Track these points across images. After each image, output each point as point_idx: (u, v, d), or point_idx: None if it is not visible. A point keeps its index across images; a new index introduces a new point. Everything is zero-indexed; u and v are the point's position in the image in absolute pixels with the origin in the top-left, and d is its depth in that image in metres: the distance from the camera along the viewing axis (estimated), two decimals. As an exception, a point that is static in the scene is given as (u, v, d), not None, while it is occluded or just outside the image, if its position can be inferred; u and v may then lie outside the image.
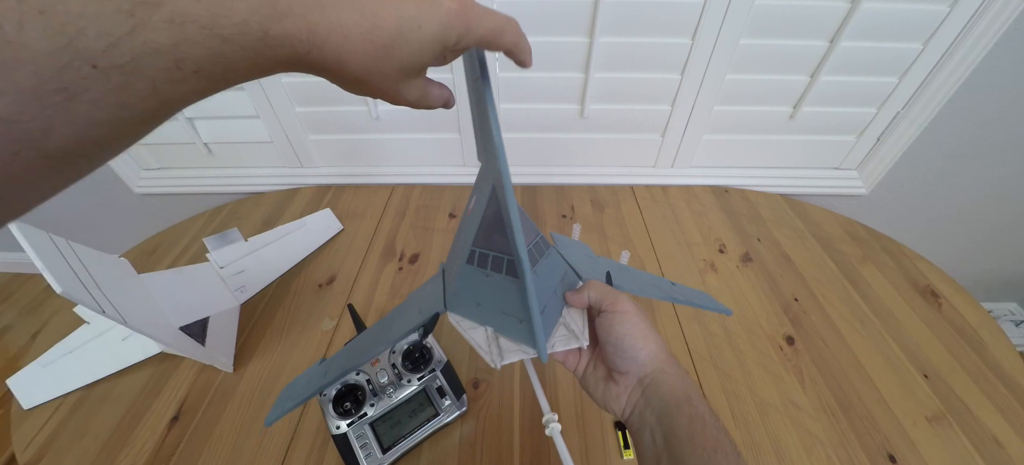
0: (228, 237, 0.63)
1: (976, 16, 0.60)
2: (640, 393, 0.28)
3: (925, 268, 0.67)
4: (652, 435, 0.26)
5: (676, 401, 0.26)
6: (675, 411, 0.26)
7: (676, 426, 0.25)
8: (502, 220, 0.27)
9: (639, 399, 0.28)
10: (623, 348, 0.28)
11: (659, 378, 0.27)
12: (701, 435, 0.24)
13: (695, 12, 0.62)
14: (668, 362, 0.28)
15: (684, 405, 0.26)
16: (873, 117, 0.74)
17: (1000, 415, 0.49)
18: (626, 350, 0.28)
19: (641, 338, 0.28)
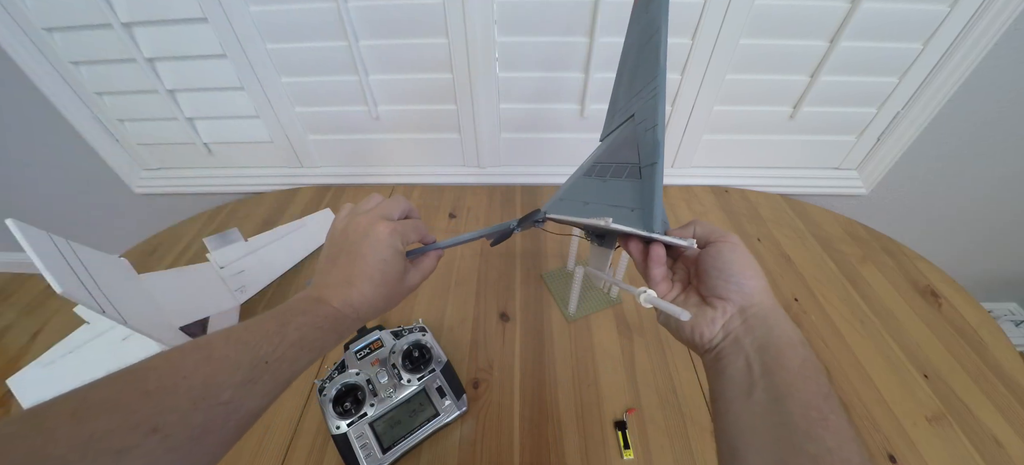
0: (228, 237, 0.63)
1: (976, 16, 0.60)
2: (741, 321, 0.27)
3: (925, 268, 0.67)
4: (748, 362, 0.26)
5: (788, 341, 0.25)
6: (787, 349, 0.25)
7: (786, 361, 0.24)
8: (634, 139, 0.33)
9: (739, 326, 0.27)
10: (731, 273, 0.28)
11: (767, 313, 0.27)
12: (815, 381, 0.23)
13: (695, 12, 0.62)
14: (774, 303, 0.28)
15: (798, 347, 0.25)
16: (873, 117, 0.74)
17: (1000, 415, 0.49)
18: (734, 275, 0.28)
19: (752, 269, 0.28)
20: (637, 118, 0.34)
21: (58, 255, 0.41)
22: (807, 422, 0.21)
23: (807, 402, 0.22)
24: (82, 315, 0.56)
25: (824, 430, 0.21)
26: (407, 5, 0.63)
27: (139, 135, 0.84)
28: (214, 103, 0.77)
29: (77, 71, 0.73)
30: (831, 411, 0.22)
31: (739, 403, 0.25)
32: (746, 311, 0.28)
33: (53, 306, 0.84)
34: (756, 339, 0.26)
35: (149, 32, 0.67)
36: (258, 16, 0.65)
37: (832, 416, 0.22)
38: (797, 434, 0.21)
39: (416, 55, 0.69)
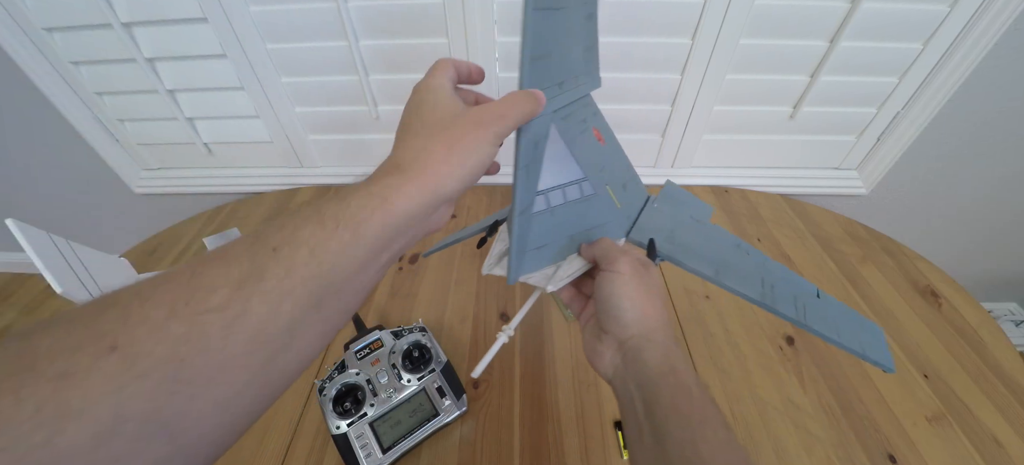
0: (228, 237, 0.63)
1: (976, 16, 0.60)
2: (621, 356, 0.27)
3: (925, 268, 0.67)
4: (633, 401, 0.26)
5: (659, 371, 0.25)
6: (659, 381, 0.25)
7: (659, 396, 0.25)
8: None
9: (620, 361, 0.28)
10: (608, 307, 0.28)
11: (642, 345, 0.27)
12: (686, 407, 0.24)
13: (695, 12, 0.62)
14: (657, 330, 0.27)
15: (668, 375, 0.25)
16: (873, 117, 0.74)
17: (1000, 415, 0.49)
18: (610, 309, 0.28)
19: (628, 300, 0.28)
20: (596, 165, 0.34)
21: (58, 255, 0.41)
22: (683, 462, 0.22)
23: (683, 439, 0.23)
24: (82, 315, 0.55)
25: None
26: (407, 5, 0.63)
27: (139, 135, 0.84)
28: (214, 103, 0.77)
29: (77, 71, 0.73)
30: (705, 443, 0.22)
31: (635, 447, 0.25)
32: (624, 344, 0.28)
33: (53, 306, 0.84)
34: (635, 377, 0.26)
35: (149, 32, 0.67)
36: (258, 16, 0.65)
37: (705, 449, 0.22)
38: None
39: (416, 55, 0.69)
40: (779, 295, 0.32)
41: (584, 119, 0.34)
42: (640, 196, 0.39)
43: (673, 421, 0.24)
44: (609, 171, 0.35)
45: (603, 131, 0.37)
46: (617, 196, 0.35)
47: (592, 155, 0.34)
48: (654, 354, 0.26)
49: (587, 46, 0.34)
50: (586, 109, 0.35)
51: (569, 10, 0.29)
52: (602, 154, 0.35)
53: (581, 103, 0.34)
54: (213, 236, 0.62)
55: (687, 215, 0.39)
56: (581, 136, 0.33)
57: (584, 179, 0.32)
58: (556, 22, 0.28)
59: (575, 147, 0.31)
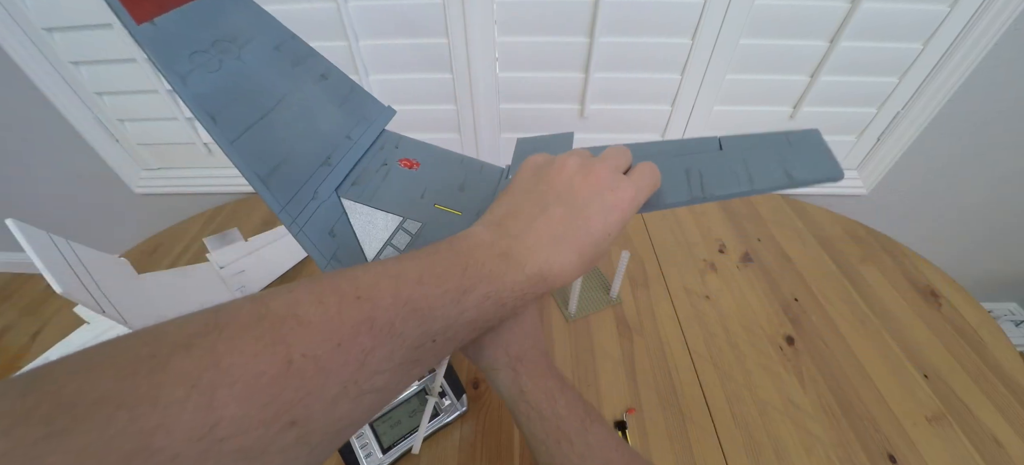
0: (228, 237, 0.63)
1: (976, 16, 0.60)
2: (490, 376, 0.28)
3: (925, 268, 0.67)
4: (516, 413, 0.27)
5: (511, 398, 0.26)
6: (514, 407, 0.26)
7: (520, 424, 0.26)
8: None
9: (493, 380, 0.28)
10: None
11: (492, 376, 0.27)
12: (540, 431, 0.24)
13: (695, 12, 0.62)
14: (499, 356, 0.27)
15: (519, 402, 0.25)
16: (873, 117, 0.74)
17: (1000, 415, 0.49)
18: None
19: None
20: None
21: (58, 255, 0.41)
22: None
23: (544, 463, 0.24)
24: (82, 315, 0.55)
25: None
26: (407, 5, 0.63)
27: (139, 135, 0.84)
28: (214, 103, 0.77)
29: (77, 71, 0.73)
30: (564, 457, 0.24)
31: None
32: (485, 372, 0.28)
33: (53, 306, 0.84)
34: (504, 400, 0.27)
35: (149, 32, 0.67)
36: (258, 16, 0.65)
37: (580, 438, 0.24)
38: None
39: (416, 55, 0.69)
40: (667, 184, 0.27)
41: (384, 162, 0.33)
42: (489, 180, 0.36)
43: (534, 444, 0.25)
44: (433, 188, 0.33)
45: (414, 151, 0.36)
46: (453, 203, 0.33)
47: (406, 189, 0.32)
48: (504, 380, 0.26)
49: (342, 99, 0.32)
50: (383, 151, 0.34)
51: (285, 102, 0.27)
52: (418, 178, 0.33)
53: (374, 151, 0.33)
54: (213, 236, 0.62)
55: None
56: (385, 180, 0.32)
57: (404, 220, 0.30)
58: (271, 128, 0.26)
59: (379, 198, 0.30)
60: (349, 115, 0.32)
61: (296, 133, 0.27)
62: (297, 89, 0.28)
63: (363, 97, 0.35)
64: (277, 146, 0.26)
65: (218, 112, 0.24)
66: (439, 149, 0.37)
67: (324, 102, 0.31)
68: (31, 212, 1.04)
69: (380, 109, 0.36)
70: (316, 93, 0.30)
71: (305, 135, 0.28)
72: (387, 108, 0.36)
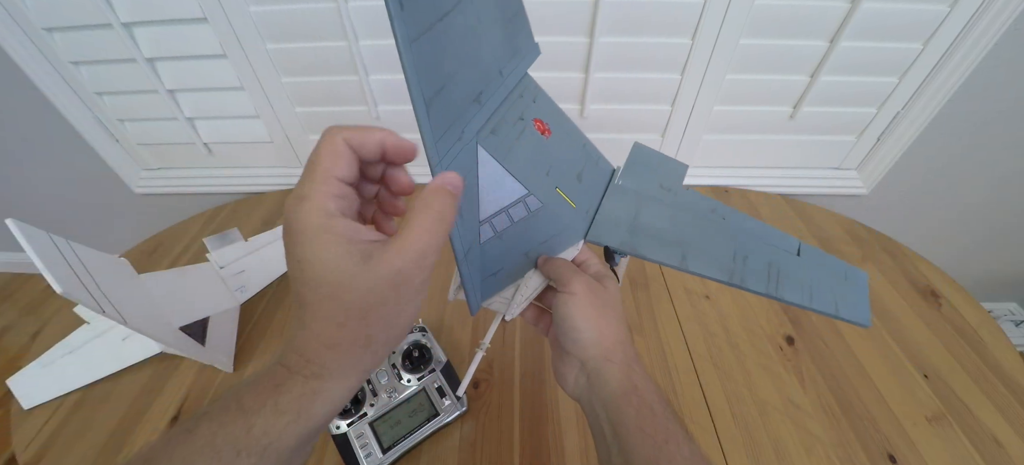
0: (228, 237, 0.63)
1: (976, 16, 0.60)
2: (585, 378, 0.28)
3: (925, 268, 0.67)
4: (600, 421, 0.26)
5: (622, 391, 0.26)
6: (622, 401, 0.25)
7: (624, 417, 0.25)
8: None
9: (585, 384, 0.28)
10: (565, 328, 0.28)
11: (602, 367, 0.27)
12: (651, 426, 0.24)
13: (695, 12, 0.62)
14: (615, 350, 0.27)
15: (631, 395, 0.25)
16: (873, 117, 0.74)
17: (1000, 415, 0.49)
18: (568, 331, 0.28)
19: (584, 320, 0.27)
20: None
21: (58, 255, 0.41)
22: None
23: (648, 458, 0.23)
24: (82, 315, 0.56)
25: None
26: (407, 5, 0.63)
27: (139, 135, 0.84)
28: (214, 103, 0.77)
29: (77, 71, 0.73)
30: (668, 459, 0.23)
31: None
32: (587, 366, 0.27)
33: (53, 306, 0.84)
34: (601, 398, 0.26)
35: (149, 32, 0.67)
36: (258, 16, 0.65)
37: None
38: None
39: (416, 55, 0.69)
40: (751, 268, 0.29)
41: (521, 115, 0.29)
42: (601, 178, 0.35)
43: (638, 441, 0.24)
44: (558, 168, 0.31)
45: (548, 114, 0.33)
46: (571, 193, 0.31)
47: (535, 158, 0.29)
48: (615, 374, 0.26)
49: (506, 19, 0.28)
50: (522, 100, 0.30)
51: (461, 6, 0.23)
52: (547, 150, 0.31)
53: (514, 96, 0.29)
54: (213, 236, 0.62)
55: (655, 184, 0.35)
56: (519, 140, 0.29)
57: (527, 195, 0.28)
58: (445, 38, 0.22)
59: (512, 160, 0.28)
60: (508, 42, 0.29)
61: (463, 52, 0.24)
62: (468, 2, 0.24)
63: (523, 22, 0.31)
64: (445, 62, 0.22)
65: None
66: (567, 120, 0.34)
67: (493, 17, 0.26)
68: (31, 212, 1.04)
69: (530, 44, 0.32)
70: (484, 6, 0.25)
71: (469, 58, 0.24)
72: (535, 45, 0.32)
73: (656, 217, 0.32)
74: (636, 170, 0.38)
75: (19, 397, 0.51)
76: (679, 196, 0.35)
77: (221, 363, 0.52)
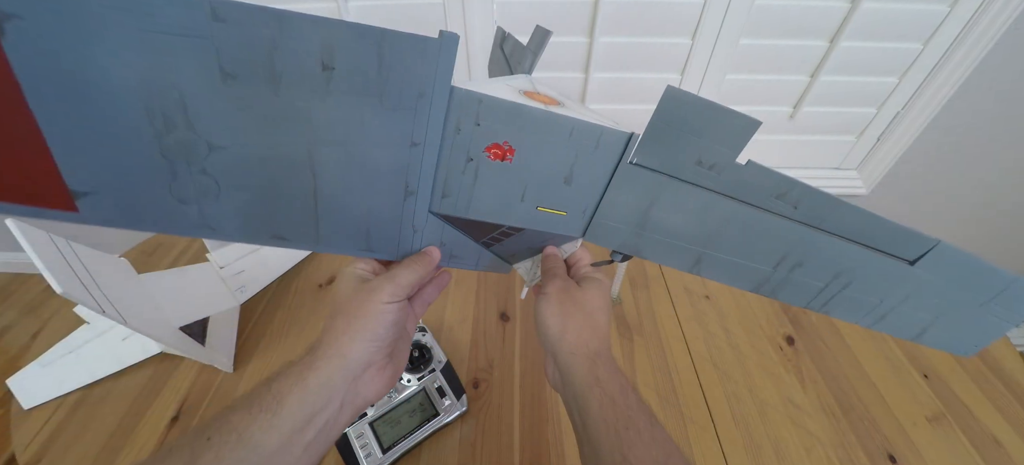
0: (228, 237, 0.63)
1: (976, 16, 0.60)
2: (558, 371, 0.29)
3: (925, 268, 0.67)
4: (573, 414, 0.28)
5: (586, 384, 0.27)
6: (587, 393, 0.27)
7: (589, 408, 0.26)
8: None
9: (558, 377, 0.29)
10: (537, 325, 0.30)
11: (569, 361, 0.28)
12: (611, 415, 0.25)
13: (695, 12, 0.62)
14: (579, 346, 0.28)
15: (594, 388, 0.27)
16: (873, 117, 0.74)
17: (1000, 415, 0.49)
18: (538, 327, 0.30)
19: (552, 317, 0.29)
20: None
21: (58, 255, 0.41)
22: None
23: (611, 446, 0.25)
24: (82, 315, 0.56)
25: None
26: (407, 5, 0.63)
27: (139, 135, 0.83)
28: (214, 103, 0.77)
29: (77, 71, 0.73)
30: (629, 447, 0.24)
31: (582, 457, 0.27)
32: (557, 359, 0.29)
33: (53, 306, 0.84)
34: (572, 392, 0.28)
35: (149, 32, 0.67)
36: (258, 16, 0.65)
37: (630, 452, 0.24)
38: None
39: (416, 55, 0.69)
40: (796, 279, 0.24)
41: (468, 155, 0.24)
42: (603, 163, 0.26)
43: (601, 430, 0.25)
44: (534, 186, 0.26)
45: (504, 130, 0.25)
46: (557, 203, 0.28)
47: (502, 189, 0.26)
48: (580, 368, 0.27)
49: (378, 92, 0.21)
50: (460, 135, 0.24)
51: (315, 156, 0.21)
52: (515, 174, 0.26)
53: (449, 140, 0.24)
54: (213, 236, 0.62)
55: (692, 159, 0.25)
56: (476, 182, 0.25)
57: (502, 227, 0.28)
58: (323, 199, 0.23)
59: (475, 208, 0.26)
60: (395, 110, 0.21)
61: (355, 187, 0.22)
62: (309, 121, 0.20)
63: (397, 54, 0.20)
64: (348, 213, 0.23)
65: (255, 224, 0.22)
66: (538, 114, 0.24)
67: (357, 119, 0.21)
68: (31, 212, 1.04)
69: (424, 51, 0.20)
70: (337, 110, 0.20)
71: (366, 184, 0.23)
72: (433, 39, 0.20)
73: (676, 209, 0.26)
74: (664, 137, 0.24)
75: (19, 397, 0.51)
76: (725, 175, 0.25)
77: (221, 363, 0.52)
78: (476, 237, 0.29)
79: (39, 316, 1.28)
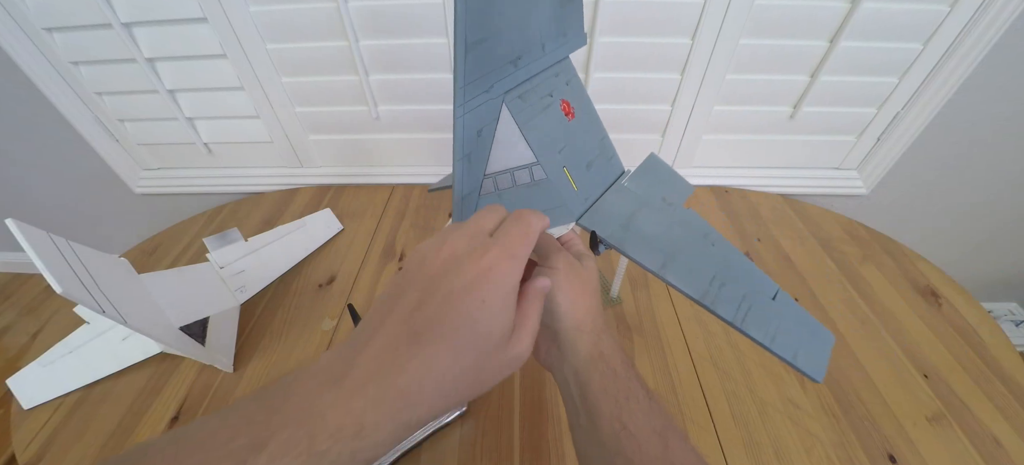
0: (228, 237, 0.63)
1: (976, 16, 0.60)
2: (557, 348, 0.29)
3: (925, 268, 0.67)
4: (570, 391, 0.28)
5: (590, 358, 0.27)
6: (590, 367, 0.27)
7: (591, 380, 0.27)
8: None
9: (556, 353, 0.29)
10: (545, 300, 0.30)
11: (574, 336, 0.28)
12: (613, 387, 0.26)
13: (695, 12, 0.62)
14: (586, 321, 0.28)
15: (598, 361, 0.27)
16: (873, 117, 0.74)
17: (1000, 415, 0.49)
18: (546, 304, 0.29)
19: (562, 295, 0.28)
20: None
21: (58, 255, 0.41)
22: (613, 438, 0.24)
23: (611, 415, 0.25)
24: (82, 315, 0.56)
25: (627, 440, 0.24)
26: (407, 5, 0.63)
27: (139, 135, 0.83)
28: (214, 103, 0.77)
29: (77, 71, 0.73)
30: (629, 416, 0.25)
31: (574, 430, 0.28)
32: (558, 336, 0.29)
33: (53, 306, 0.84)
34: (571, 366, 0.28)
35: (149, 32, 0.67)
36: (258, 16, 0.65)
37: (629, 422, 0.24)
38: (607, 451, 0.24)
39: (416, 55, 0.69)
40: (725, 295, 0.30)
41: (550, 92, 0.32)
42: (609, 173, 0.37)
43: (602, 400, 0.26)
44: (571, 150, 0.33)
45: (578, 102, 0.35)
46: (576, 177, 0.33)
47: (552, 133, 0.31)
48: (585, 343, 0.28)
49: (562, 1, 0.31)
50: (557, 79, 0.33)
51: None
52: (566, 131, 0.33)
53: (549, 73, 0.32)
54: (213, 236, 0.62)
55: (659, 196, 0.37)
56: (542, 114, 0.31)
57: (535, 163, 0.31)
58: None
59: (531, 128, 0.30)
60: (557, 22, 0.31)
61: (514, 14, 0.26)
62: None
63: (577, 10, 0.33)
64: (494, 16, 0.24)
65: None
66: (594, 113, 0.37)
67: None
68: (31, 212, 1.04)
69: (578, 32, 0.35)
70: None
71: (518, 21, 0.27)
72: (582, 35, 0.35)
73: (651, 223, 0.34)
74: (645, 178, 0.39)
75: (19, 397, 0.51)
76: (678, 212, 0.35)
77: (221, 363, 0.52)
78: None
79: (39, 316, 1.28)
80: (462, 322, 0.18)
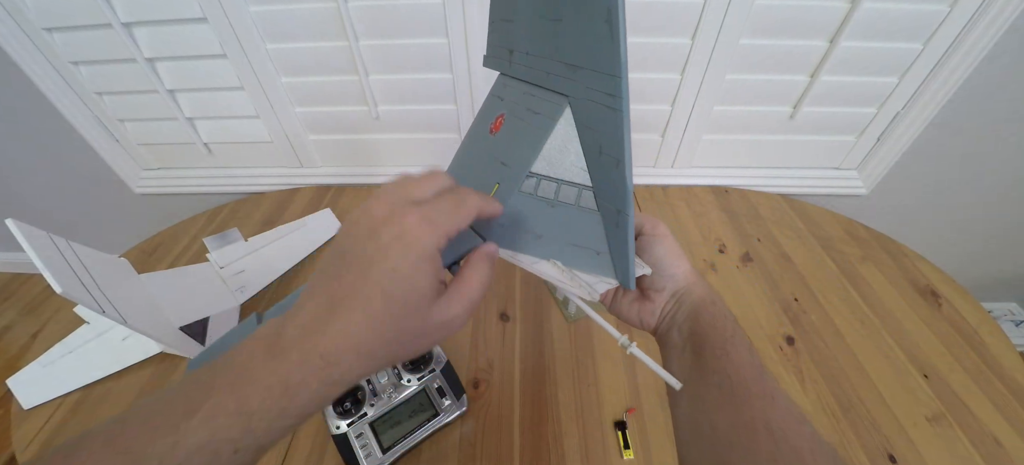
0: (228, 237, 0.63)
1: (976, 16, 0.60)
2: (674, 303, 0.31)
3: (925, 268, 0.67)
4: (679, 330, 0.30)
5: (702, 302, 0.30)
6: (701, 309, 0.29)
7: (701, 319, 0.29)
8: (576, 140, 0.26)
9: (673, 308, 0.31)
10: (663, 267, 0.31)
11: (692, 286, 0.31)
12: (721, 325, 0.28)
13: (695, 12, 0.62)
14: (695, 274, 0.32)
15: (708, 305, 0.30)
16: (873, 117, 0.74)
17: (1000, 415, 0.49)
18: (665, 268, 0.31)
19: (677, 257, 0.31)
20: (583, 121, 0.26)
21: (58, 255, 0.41)
22: (714, 360, 0.27)
23: (714, 345, 0.28)
24: (82, 315, 0.56)
25: (726, 363, 0.27)
26: (407, 5, 0.63)
27: (139, 135, 0.84)
28: (214, 103, 0.77)
29: (77, 71, 0.73)
30: (733, 348, 0.27)
31: (674, 363, 0.30)
32: (677, 294, 0.31)
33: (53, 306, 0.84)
34: (685, 311, 0.30)
35: (149, 32, 0.67)
36: (258, 16, 0.65)
37: (732, 351, 0.27)
38: (707, 372, 0.27)
39: (416, 55, 0.69)
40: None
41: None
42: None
43: (710, 333, 0.28)
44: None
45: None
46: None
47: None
48: (699, 292, 0.30)
49: None
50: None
51: None
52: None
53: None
54: (213, 236, 0.62)
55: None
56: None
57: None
58: None
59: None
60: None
61: None
62: None
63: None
64: None
65: None
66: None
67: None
68: (31, 212, 1.04)
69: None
70: None
71: None
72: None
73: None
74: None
75: (19, 397, 0.51)
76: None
77: (221, 363, 0.52)
78: None
79: (39, 316, 1.28)
80: (373, 290, 0.18)
